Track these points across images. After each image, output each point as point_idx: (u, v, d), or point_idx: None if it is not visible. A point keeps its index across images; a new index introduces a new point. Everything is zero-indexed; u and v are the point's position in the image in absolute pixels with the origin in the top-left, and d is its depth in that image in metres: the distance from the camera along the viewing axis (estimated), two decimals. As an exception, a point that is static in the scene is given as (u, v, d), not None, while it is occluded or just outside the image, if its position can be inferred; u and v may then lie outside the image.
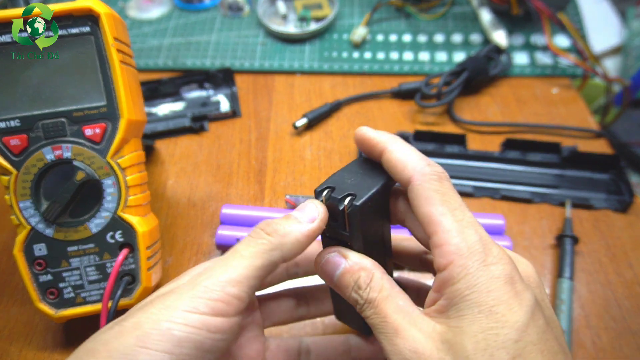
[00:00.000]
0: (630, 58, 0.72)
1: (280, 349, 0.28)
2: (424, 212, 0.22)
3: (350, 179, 0.24)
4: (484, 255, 0.20)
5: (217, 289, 0.20)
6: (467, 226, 0.21)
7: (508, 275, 0.20)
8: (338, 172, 0.25)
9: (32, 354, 0.35)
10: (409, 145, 0.24)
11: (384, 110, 0.51)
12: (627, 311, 0.36)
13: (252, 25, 0.59)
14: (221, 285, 0.20)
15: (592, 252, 0.40)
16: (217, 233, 0.39)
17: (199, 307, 0.19)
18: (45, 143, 0.31)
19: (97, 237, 0.32)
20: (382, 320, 0.21)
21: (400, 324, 0.21)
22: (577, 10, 0.59)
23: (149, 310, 0.20)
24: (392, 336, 0.21)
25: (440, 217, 0.21)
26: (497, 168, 0.46)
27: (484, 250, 0.20)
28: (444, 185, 0.22)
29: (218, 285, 0.20)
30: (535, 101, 0.51)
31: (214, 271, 0.21)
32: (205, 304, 0.20)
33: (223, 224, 0.40)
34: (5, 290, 0.38)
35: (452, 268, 0.20)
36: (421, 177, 0.22)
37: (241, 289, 0.21)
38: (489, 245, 0.21)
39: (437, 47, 0.56)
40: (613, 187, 0.44)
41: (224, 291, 0.20)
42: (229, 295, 0.20)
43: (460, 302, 0.20)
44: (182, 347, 0.19)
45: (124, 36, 0.34)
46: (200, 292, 0.20)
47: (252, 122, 0.50)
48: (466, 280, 0.20)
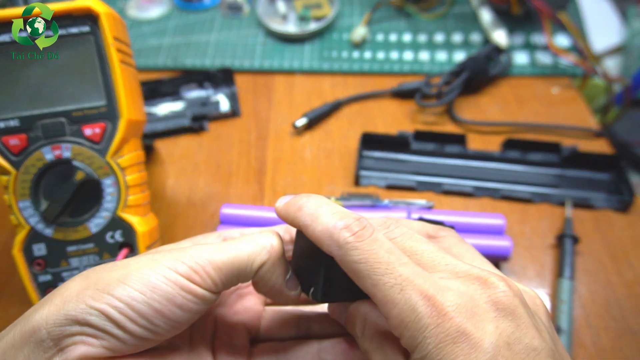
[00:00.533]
0: (631, 57, 0.71)
1: (276, 318, 0.28)
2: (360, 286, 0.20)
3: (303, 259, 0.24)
4: (428, 319, 0.18)
5: (201, 263, 0.21)
6: (405, 287, 0.19)
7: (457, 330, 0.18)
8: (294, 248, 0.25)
9: (31, 354, 0.35)
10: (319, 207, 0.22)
11: (384, 110, 0.51)
12: (628, 311, 0.36)
13: (252, 25, 0.59)
14: (203, 262, 0.21)
15: (592, 252, 0.40)
16: None
17: (178, 269, 0.21)
18: (44, 143, 0.31)
19: (96, 237, 0.32)
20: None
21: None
22: (578, 9, 0.59)
23: (140, 258, 0.22)
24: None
25: (373, 289, 0.20)
26: (497, 168, 0.46)
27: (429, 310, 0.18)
28: (364, 246, 0.20)
29: (202, 259, 0.21)
30: (535, 101, 0.51)
31: (207, 247, 0.22)
32: (184, 269, 0.21)
33: (223, 224, 0.40)
34: (4, 290, 0.38)
35: (403, 342, 0.19)
36: (339, 252, 0.20)
37: (220, 276, 0.22)
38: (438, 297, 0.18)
39: (437, 46, 0.56)
40: (613, 187, 0.44)
41: (204, 268, 0.21)
42: (207, 274, 0.21)
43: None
44: (155, 293, 0.20)
45: (123, 36, 0.34)
46: (185, 257, 0.21)
47: (251, 121, 0.50)
48: (417, 351, 0.18)
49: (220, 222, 0.40)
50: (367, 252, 0.20)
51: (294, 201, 0.23)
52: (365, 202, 0.41)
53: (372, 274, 0.19)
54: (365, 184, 0.44)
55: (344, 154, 0.47)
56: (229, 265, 0.22)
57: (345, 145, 0.48)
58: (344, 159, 0.47)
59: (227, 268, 0.22)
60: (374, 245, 0.20)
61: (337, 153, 0.47)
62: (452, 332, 0.18)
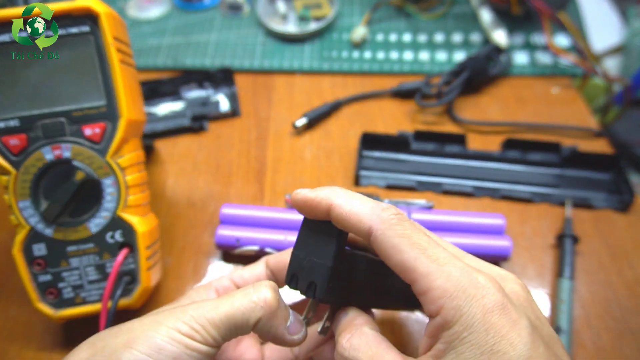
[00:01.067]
0: (631, 57, 0.71)
1: (275, 354, 0.29)
2: (396, 261, 0.21)
3: (306, 258, 0.24)
4: (473, 290, 0.19)
5: (200, 322, 0.22)
6: (445, 263, 0.20)
7: (500, 304, 0.19)
8: (294, 249, 0.25)
9: (31, 354, 0.35)
10: (354, 193, 0.23)
11: (384, 110, 0.51)
12: (628, 311, 0.36)
13: (252, 25, 0.59)
14: (202, 321, 0.22)
15: (592, 252, 0.40)
16: (217, 233, 0.39)
17: (181, 329, 0.22)
18: (44, 143, 0.31)
19: (96, 237, 0.32)
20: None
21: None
22: (578, 9, 0.59)
23: (143, 321, 0.23)
24: None
25: (415, 262, 0.20)
26: (497, 168, 0.46)
27: (471, 283, 0.20)
28: (405, 227, 0.21)
29: (201, 319, 0.22)
30: (535, 101, 0.51)
31: (205, 305, 0.23)
32: (186, 329, 0.22)
33: (223, 224, 0.40)
34: (4, 290, 0.38)
35: (444, 313, 0.19)
36: (381, 225, 0.21)
37: (219, 333, 0.23)
38: (474, 276, 0.20)
39: (437, 46, 0.56)
40: (613, 187, 0.44)
41: (204, 327, 0.22)
42: (207, 332, 0.22)
43: (460, 345, 0.19)
44: (161, 354, 0.21)
45: (123, 36, 0.34)
46: (186, 317, 0.22)
47: (251, 121, 0.50)
48: (462, 322, 0.19)
49: (220, 222, 0.40)
50: (409, 229, 0.21)
51: (321, 188, 0.23)
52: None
53: (414, 247, 0.20)
54: (365, 184, 0.44)
55: (344, 154, 0.47)
56: (226, 323, 0.23)
57: (345, 145, 0.48)
58: (344, 159, 0.47)
59: (224, 325, 0.23)
60: (412, 226, 0.21)
61: (337, 153, 0.47)
62: (498, 304, 0.19)
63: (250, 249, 0.38)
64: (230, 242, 0.38)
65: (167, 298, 0.38)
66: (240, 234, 0.38)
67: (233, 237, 0.38)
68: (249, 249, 0.38)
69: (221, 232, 0.39)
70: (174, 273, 0.39)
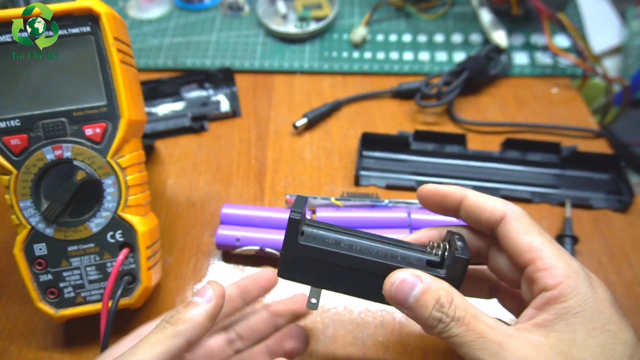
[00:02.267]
0: (630, 58, 0.72)
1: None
2: (524, 241, 0.24)
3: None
4: (590, 279, 0.22)
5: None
6: (566, 255, 0.23)
7: (611, 299, 0.23)
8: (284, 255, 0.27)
9: (32, 353, 0.35)
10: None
11: (384, 110, 0.51)
12: (627, 311, 0.36)
13: (252, 25, 0.59)
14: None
15: (591, 252, 0.40)
16: (217, 233, 0.39)
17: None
18: (45, 143, 0.31)
19: (97, 237, 0.32)
20: (479, 337, 0.22)
21: (502, 339, 0.22)
22: (577, 10, 0.59)
23: None
24: (497, 350, 0.21)
25: (542, 245, 0.23)
26: (497, 168, 0.46)
27: (588, 276, 0.23)
28: (532, 220, 0.25)
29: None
30: (535, 101, 0.51)
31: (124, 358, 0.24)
32: None
33: (223, 224, 0.40)
34: (5, 289, 0.38)
35: (562, 287, 0.22)
36: (514, 214, 0.25)
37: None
38: (588, 272, 0.23)
39: (437, 47, 0.56)
40: (613, 187, 0.44)
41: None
42: None
43: (571, 318, 0.21)
44: None
45: (124, 36, 0.34)
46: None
47: (252, 122, 0.50)
48: (578, 298, 0.22)
49: (220, 222, 0.40)
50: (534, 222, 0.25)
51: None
52: (365, 202, 0.41)
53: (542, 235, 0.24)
54: (365, 184, 0.44)
55: (343, 154, 0.47)
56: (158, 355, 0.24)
57: (345, 145, 0.48)
58: (344, 159, 0.47)
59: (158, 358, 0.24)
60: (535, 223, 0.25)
61: (337, 153, 0.47)
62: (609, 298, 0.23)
63: (250, 249, 0.38)
64: (230, 242, 0.38)
65: (167, 298, 0.38)
66: (240, 234, 0.39)
67: (233, 237, 0.38)
68: (249, 249, 0.38)
69: (221, 232, 0.39)
70: (174, 273, 0.39)
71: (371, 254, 0.26)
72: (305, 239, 0.26)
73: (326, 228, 0.27)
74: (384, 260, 0.25)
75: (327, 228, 0.27)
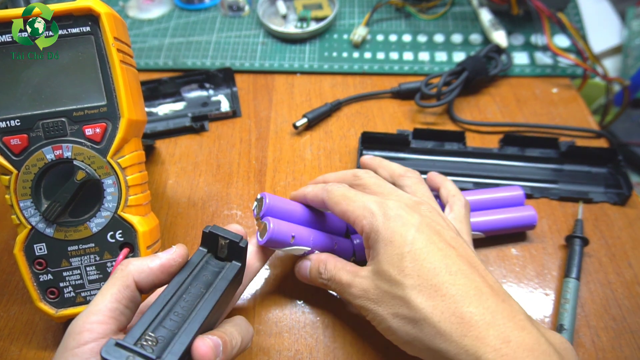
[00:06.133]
0: (630, 58, 0.72)
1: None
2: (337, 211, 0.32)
3: None
4: (379, 208, 0.30)
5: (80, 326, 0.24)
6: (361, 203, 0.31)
7: (396, 214, 0.29)
8: None
9: (32, 353, 0.35)
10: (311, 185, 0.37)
11: (384, 110, 0.51)
12: (627, 311, 0.36)
13: (252, 25, 0.59)
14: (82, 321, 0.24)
15: (591, 251, 0.40)
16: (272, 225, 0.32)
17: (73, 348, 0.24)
18: (45, 143, 0.31)
19: (97, 237, 0.32)
20: (339, 284, 0.31)
21: (350, 279, 0.31)
22: (577, 10, 0.59)
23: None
24: (347, 288, 0.31)
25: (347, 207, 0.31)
26: (496, 164, 0.46)
27: (380, 206, 0.30)
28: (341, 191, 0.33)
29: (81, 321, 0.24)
30: (535, 101, 0.51)
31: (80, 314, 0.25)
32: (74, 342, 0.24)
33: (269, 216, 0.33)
34: (5, 289, 0.38)
35: (365, 228, 0.30)
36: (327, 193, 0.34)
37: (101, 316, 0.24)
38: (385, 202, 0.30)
39: (437, 47, 0.56)
40: (611, 181, 0.44)
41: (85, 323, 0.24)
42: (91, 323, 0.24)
43: (375, 244, 0.30)
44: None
45: (124, 36, 0.34)
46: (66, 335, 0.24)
47: (252, 122, 0.50)
48: (373, 229, 0.30)
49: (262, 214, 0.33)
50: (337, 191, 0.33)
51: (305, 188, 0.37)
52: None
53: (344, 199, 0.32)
54: (365, 184, 0.44)
55: (344, 154, 0.47)
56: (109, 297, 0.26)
57: (345, 145, 0.48)
58: (344, 159, 0.47)
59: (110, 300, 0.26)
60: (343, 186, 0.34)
61: (337, 153, 0.47)
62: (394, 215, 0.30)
63: (298, 249, 0.33)
64: (284, 239, 0.32)
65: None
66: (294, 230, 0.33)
67: (289, 232, 0.32)
68: (296, 249, 0.33)
69: (277, 225, 0.32)
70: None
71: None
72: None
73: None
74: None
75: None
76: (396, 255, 0.28)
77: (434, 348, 0.26)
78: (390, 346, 0.30)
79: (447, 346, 0.25)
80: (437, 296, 0.27)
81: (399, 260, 0.28)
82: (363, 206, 0.30)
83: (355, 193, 0.32)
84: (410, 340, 0.27)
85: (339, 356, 0.34)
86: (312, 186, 0.35)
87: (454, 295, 0.26)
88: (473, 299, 0.26)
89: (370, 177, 0.34)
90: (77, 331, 0.24)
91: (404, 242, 0.28)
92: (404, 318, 0.27)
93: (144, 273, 0.27)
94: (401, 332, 0.28)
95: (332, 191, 0.33)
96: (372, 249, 0.30)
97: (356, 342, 0.35)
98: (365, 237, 0.30)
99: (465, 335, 0.25)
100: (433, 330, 0.26)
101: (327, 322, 0.36)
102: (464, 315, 0.26)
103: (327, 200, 0.33)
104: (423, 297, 0.27)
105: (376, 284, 0.29)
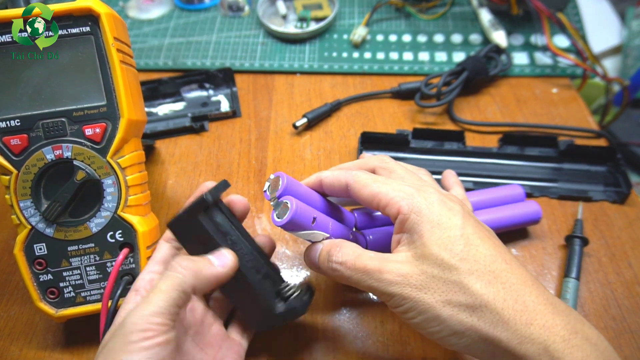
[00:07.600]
0: (630, 58, 0.72)
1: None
2: (366, 193, 0.29)
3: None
4: (418, 192, 0.28)
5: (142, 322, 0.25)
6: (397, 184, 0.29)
7: (439, 198, 0.28)
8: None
9: (32, 353, 0.35)
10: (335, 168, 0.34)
11: (384, 110, 0.51)
12: (627, 311, 0.36)
13: (252, 25, 0.59)
14: (145, 319, 0.25)
15: (591, 251, 0.40)
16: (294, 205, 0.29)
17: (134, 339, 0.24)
18: (45, 143, 0.31)
19: (97, 237, 0.32)
20: (361, 271, 0.27)
21: (381, 265, 0.27)
22: (577, 10, 0.59)
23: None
24: (378, 275, 0.26)
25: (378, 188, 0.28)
26: (495, 163, 0.46)
27: (418, 190, 0.28)
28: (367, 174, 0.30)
29: (143, 318, 0.25)
30: (535, 101, 0.51)
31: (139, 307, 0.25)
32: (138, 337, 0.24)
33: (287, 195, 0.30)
34: (5, 289, 0.38)
35: (402, 209, 0.27)
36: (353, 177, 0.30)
37: (163, 318, 0.25)
38: (423, 187, 0.28)
39: (437, 47, 0.56)
40: (610, 179, 0.44)
41: (149, 322, 0.25)
42: (154, 324, 0.25)
43: (417, 226, 0.27)
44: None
45: (124, 36, 0.34)
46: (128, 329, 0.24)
47: (252, 122, 0.50)
48: (415, 211, 0.27)
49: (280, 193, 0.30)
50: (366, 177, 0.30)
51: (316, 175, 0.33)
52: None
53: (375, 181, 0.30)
54: (365, 184, 0.44)
55: (344, 154, 0.47)
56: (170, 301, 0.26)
57: (345, 145, 0.48)
58: (344, 159, 0.47)
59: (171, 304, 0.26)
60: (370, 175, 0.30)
61: (337, 153, 0.47)
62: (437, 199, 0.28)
63: (320, 234, 0.30)
64: (305, 221, 0.29)
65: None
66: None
67: (311, 214, 0.29)
68: (318, 234, 0.30)
69: (299, 205, 0.28)
70: (174, 273, 0.39)
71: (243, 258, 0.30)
72: (203, 217, 0.29)
73: (228, 220, 0.31)
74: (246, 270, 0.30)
75: (229, 220, 0.31)
76: (447, 238, 0.26)
77: (493, 337, 0.24)
78: (390, 346, 0.30)
79: (509, 335, 0.24)
80: (497, 283, 0.25)
81: (451, 243, 0.26)
82: (399, 188, 0.28)
83: (386, 177, 0.30)
84: (463, 331, 0.25)
85: (339, 356, 0.34)
86: (329, 171, 0.32)
87: (515, 284, 0.25)
88: (532, 288, 0.25)
89: (397, 163, 0.32)
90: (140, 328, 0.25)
91: (455, 225, 0.26)
92: (459, 305, 0.25)
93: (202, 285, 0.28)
94: (453, 321, 0.25)
95: (359, 174, 0.30)
96: (412, 232, 0.27)
97: (356, 342, 0.35)
98: (401, 219, 0.27)
99: (530, 323, 0.24)
100: (495, 317, 0.24)
101: (327, 321, 0.36)
102: (527, 304, 0.25)
103: (354, 183, 0.29)
104: (482, 283, 0.25)
105: (421, 268, 0.26)
